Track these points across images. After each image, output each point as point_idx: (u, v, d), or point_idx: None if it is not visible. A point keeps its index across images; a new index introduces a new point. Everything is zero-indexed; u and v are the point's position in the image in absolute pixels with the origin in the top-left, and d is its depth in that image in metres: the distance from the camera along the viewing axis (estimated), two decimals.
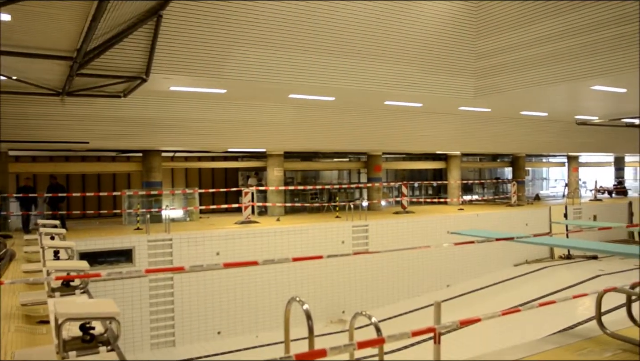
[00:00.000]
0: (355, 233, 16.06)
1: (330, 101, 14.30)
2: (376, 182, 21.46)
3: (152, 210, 15.59)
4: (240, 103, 14.39)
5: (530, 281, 17.52)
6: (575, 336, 6.07)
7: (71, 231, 13.56)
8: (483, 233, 14.06)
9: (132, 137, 14.49)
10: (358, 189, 23.85)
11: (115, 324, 4.35)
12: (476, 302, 15.74)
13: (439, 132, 18.93)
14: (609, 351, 5.53)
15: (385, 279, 16.17)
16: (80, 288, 6.21)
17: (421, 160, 25.44)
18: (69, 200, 17.69)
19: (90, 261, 11.05)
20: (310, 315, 4.92)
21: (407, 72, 12.58)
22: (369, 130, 17.39)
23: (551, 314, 11.67)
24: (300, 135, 16.52)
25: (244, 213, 16.09)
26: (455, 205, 22.61)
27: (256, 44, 10.58)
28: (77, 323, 4.31)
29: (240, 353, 12.65)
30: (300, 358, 3.10)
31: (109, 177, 20.52)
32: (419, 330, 3.95)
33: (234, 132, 15.45)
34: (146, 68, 9.75)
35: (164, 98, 13.32)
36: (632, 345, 5.62)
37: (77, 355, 4.09)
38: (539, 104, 16.22)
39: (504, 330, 11.37)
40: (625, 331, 5.96)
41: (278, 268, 14.24)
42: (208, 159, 21.23)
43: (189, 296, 13.37)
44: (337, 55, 11.54)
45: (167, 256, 13.35)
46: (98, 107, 12.88)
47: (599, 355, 5.40)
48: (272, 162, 18.89)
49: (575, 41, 10.79)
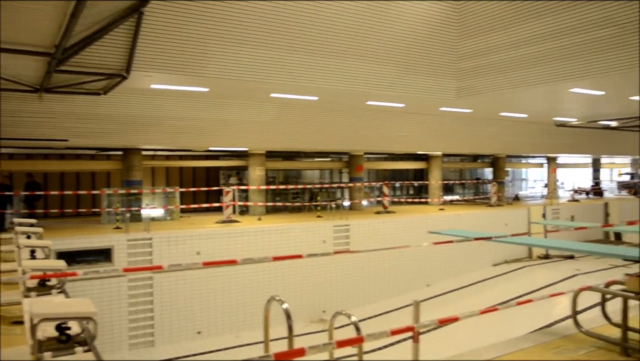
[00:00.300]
0: (336, 232, 16.09)
1: (312, 101, 14.30)
2: (358, 182, 21.54)
3: (132, 209, 15.45)
4: (222, 102, 14.30)
5: (509, 280, 17.72)
6: (552, 335, 6.16)
7: (48, 230, 13.35)
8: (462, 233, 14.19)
9: (112, 136, 14.32)
10: (340, 189, 23.90)
11: (92, 324, 4.30)
12: (456, 301, 15.88)
13: (421, 132, 19.04)
14: (583, 349, 5.62)
15: (366, 279, 16.23)
16: (57, 287, 6.12)
17: (402, 160, 25.58)
18: (46, 198, 17.41)
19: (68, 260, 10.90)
20: (290, 314, 4.92)
21: (389, 73, 12.63)
22: (351, 130, 17.43)
23: (529, 313, 11.83)
24: (282, 134, 16.49)
25: (225, 212, 16.02)
26: (436, 205, 22.79)
27: (239, 42, 10.54)
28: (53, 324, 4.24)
29: (221, 353, 12.59)
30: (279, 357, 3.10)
31: (88, 175, 20.25)
32: (397, 328, 3.98)
33: (215, 131, 15.36)
34: (127, 65, 9.64)
35: (145, 96, 13.18)
36: (606, 343, 5.72)
37: (53, 356, 4.03)
38: (519, 106, 16.42)
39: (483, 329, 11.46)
40: (599, 329, 6.07)
41: (259, 268, 14.20)
42: (189, 157, 21.10)
43: (169, 295, 13.26)
44: (320, 54, 11.54)
45: (147, 256, 13.23)
46: (77, 104, 12.69)
47: (574, 353, 5.49)
48: (253, 161, 18.85)
49: (555, 44, 10.95)
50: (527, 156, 31.31)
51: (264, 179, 19.11)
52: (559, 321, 10.73)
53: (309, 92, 13.16)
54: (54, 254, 10.81)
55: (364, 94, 13.28)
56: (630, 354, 5.42)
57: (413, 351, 4.33)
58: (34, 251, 7.66)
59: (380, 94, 13.28)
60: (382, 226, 17.14)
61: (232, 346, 12.89)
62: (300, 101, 14.34)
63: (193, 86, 12.15)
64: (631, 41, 9.70)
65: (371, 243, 16.40)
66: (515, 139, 22.28)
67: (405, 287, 16.84)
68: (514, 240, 12.13)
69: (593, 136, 23.74)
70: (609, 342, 5.70)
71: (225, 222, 15.56)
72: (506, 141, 22.26)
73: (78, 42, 8.42)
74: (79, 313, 4.32)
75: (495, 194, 22.99)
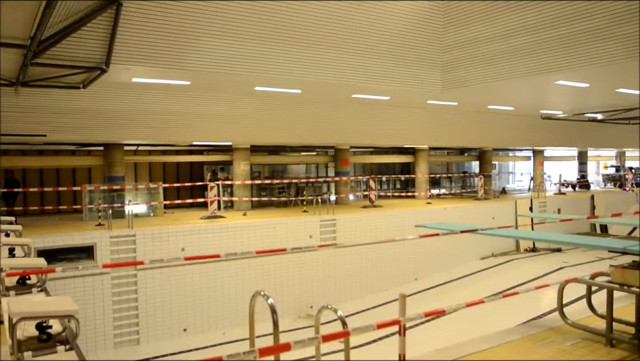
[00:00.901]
0: (323, 227, 15.99)
1: (296, 94, 14.17)
2: (344, 176, 21.46)
3: (115, 205, 15.22)
4: (205, 95, 14.14)
5: (497, 273, 17.78)
6: (539, 327, 6.14)
7: (28, 228, 13.10)
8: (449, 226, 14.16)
9: (93, 130, 14.05)
10: (326, 183, 23.81)
11: (74, 322, 4.24)
12: (443, 295, 15.89)
13: (407, 125, 19.01)
14: (569, 340, 5.59)
15: (354, 273, 16.17)
16: (38, 286, 6.02)
17: (389, 154, 25.58)
18: (25, 196, 17.10)
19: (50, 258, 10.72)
20: (275, 309, 4.84)
21: (375, 65, 12.54)
22: (337, 123, 17.34)
23: (517, 306, 11.83)
24: (267, 128, 16.34)
25: (210, 207, 15.85)
26: (423, 199, 22.78)
27: (221, 34, 10.38)
28: (33, 323, 4.18)
29: (207, 350, 12.45)
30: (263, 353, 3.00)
31: (69, 171, 19.92)
32: (383, 322, 3.88)
33: (198, 125, 15.16)
34: (106, 58, 9.43)
35: (126, 90, 12.97)
36: (592, 334, 5.70)
37: (33, 355, 3.97)
38: (505, 98, 16.45)
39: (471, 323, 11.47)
40: (585, 321, 6.06)
41: (245, 264, 14.07)
42: (172, 152, 20.85)
43: (154, 293, 13.08)
44: (304, 47, 11.42)
45: (131, 253, 13.02)
46: (56, 98, 12.45)
47: (560, 345, 5.46)
48: (238, 156, 18.67)
49: (540, 36, 10.97)
50: (513, 149, 31.50)
51: (249, 174, 18.96)
52: (546, 313, 10.76)
53: (293, 85, 13.04)
54: (34, 252, 10.61)
55: (349, 86, 13.18)
56: (615, 345, 5.41)
57: (400, 345, 4.27)
58: (13, 249, 7.50)
59: (366, 86, 13.19)
60: (369, 221, 17.07)
61: (218, 343, 12.76)
62: (284, 94, 14.22)
63: (175, 79, 11.98)
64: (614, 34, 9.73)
65: (358, 237, 16.34)
66: (502, 132, 22.36)
67: (394, 281, 16.81)
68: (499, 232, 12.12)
69: (579, 128, 23.91)
70: (594, 333, 5.69)
71: (210, 218, 15.40)
72: (493, 134, 22.33)
73: (54, 34, 8.20)
74: (59, 311, 4.27)
75: (482, 187, 23.04)
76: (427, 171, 24.34)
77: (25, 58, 8.69)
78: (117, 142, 16.67)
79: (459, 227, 10.96)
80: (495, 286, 15.24)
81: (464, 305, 4.64)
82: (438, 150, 28.15)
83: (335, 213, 16.63)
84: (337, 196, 20.91)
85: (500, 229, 14.11)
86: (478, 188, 23.34)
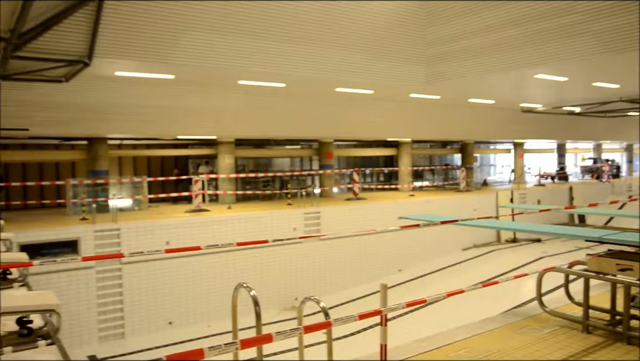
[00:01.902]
0: (307, 220, 16.08)
1: (280, 88, 14.18)
2: (328, 169, 21.56)
3: (99, 199, 15.12)
4: (189, 89, 14.06)
5: (478, 264, 18.04)
6: (518, 316, 6.31)
7: (11, 222, 12.99)
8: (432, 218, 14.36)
9: (76, 124, 13.94)
10: (310, 177, 23.87)
11: (56, 316, 4.21)
12: (426, 286, 16.09)
13: (390, 119, 19.11)
14: (547, 328, 5.77)
15: (338, 265, 16.29)
16: (19, 280, 5.97)
17: (372, 147, 25.71)
18: (8, 190, 16.91)
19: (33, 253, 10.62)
20: (258, 301, 4.88)
21: (358, 59, 12.60)
22: (321, 117, 17.39)
23: (498, 295, 12.06)
24: (251, 122, 16.33)
25: (195, 201, 15.84)
26: (406, 191, 22.98)
27: (205, 28, 10.35)
28: (14, 317, 4.14)
29: (192, 343, 12.48)
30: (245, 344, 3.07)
31: (52, 166, 19.71)
32: (365, 312, 3.98)
33: (183, 119, 15.11)
34: (89, 52, 9.37)
35: (110, 83, 12.85)
36: (569, 321, 5.89)
37: (14, 350, 3.94)
38: (486, 92, 16.64)
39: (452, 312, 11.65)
40: (563, 309, 6.24)
41: (230, 257, 14.11)
42: (157, 146, 20.72)
43: (139, 286, 13.07)
44: (287, 41, 11.43)
45: (115, 247, 12.98)
46: (38, 92, 12.29)
47: (538, 332, 5.63)
48: (223, 149, 18.65)
49: (520, 31, 11.13)
50: (495, 142, 31.82)
51: (233, 168, 18.94)
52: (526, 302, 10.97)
53: (277, 79, 13.04)
54: (17, 247, 10.54)
55: (333, 80, 13.22)
56: (591, 331, 5.59)
57: (381, 335, 4.35)
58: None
59: (350, 80, 13.25)
60: (353, 213, 17.20)
61: (203, 336, 12.79)
62: (268, 88, 14.21)
63: (159, 73, 11.91)
64: (591, 28, 9.93)
65: (342, 229, 16.44)
66: (483, 125, 22.61)
67: (378, 273, 16.96)
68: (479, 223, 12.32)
69: (558, 121, 24.26)
70: (571, 321, 5.87)
71: (194, 211, 15.40)
72: (474, 127, 22.56)
73: (36, 27, 8.14)
74: (41, 305, 4.23)
75: (464, 179, 23.32)
76: (410, 163, 24.54)
77: (6, 51, 8.60)
78: (101, 137, 16.54)
79: (440, 218, 11.14)
80: (477, 277, 15.47)
81: (445, 295, 4.77)
82: (421, 143, 28.36)
83: (320, 206, 16.73)
84: (321, 189, 21.00)
85: (480, 220, 14.34)
86: (460, 180, 23.62)
